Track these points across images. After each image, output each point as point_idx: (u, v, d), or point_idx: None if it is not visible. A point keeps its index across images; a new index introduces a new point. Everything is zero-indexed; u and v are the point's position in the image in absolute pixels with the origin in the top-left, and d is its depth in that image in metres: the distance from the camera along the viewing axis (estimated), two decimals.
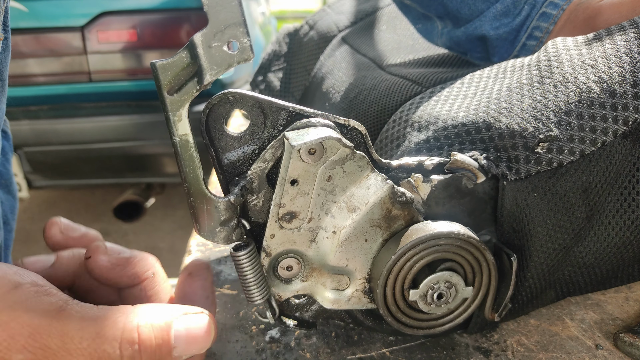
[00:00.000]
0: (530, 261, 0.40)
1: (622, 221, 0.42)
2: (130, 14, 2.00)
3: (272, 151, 0.33)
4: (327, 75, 0.80)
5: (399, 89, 0.60)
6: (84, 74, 2.03)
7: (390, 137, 0.50)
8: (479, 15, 0.63)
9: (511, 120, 0.39)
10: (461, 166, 0.38)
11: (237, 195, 0.33)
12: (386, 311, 0.38)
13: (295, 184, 0.33)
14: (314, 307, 0.40)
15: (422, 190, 0.37)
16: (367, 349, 0.43)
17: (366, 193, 0.35)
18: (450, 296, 0.37)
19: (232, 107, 0.32)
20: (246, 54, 0.26)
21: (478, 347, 0.42)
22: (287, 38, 0.94)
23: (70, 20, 1.97)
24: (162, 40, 2.02)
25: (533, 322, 0.45)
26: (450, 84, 0.51)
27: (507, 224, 0.39)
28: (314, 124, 0.33)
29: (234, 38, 0.26)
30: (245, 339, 0.45)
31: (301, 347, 0.43)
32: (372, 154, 0.36)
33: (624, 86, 0.37)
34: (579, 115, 0.37)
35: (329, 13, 0.95)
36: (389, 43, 0.81)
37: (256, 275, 0.35)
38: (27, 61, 1.98)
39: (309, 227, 0.35)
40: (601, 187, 0.39)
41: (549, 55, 0.42)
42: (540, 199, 0.38)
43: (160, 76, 0.28)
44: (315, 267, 0.37)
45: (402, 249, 0.35)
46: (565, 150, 0.37)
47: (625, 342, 0.40)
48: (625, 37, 0.40)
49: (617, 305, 0.46)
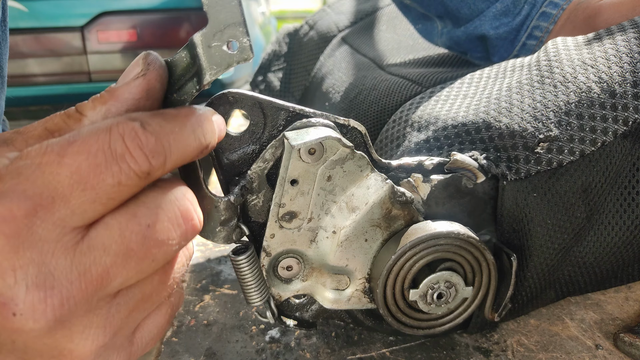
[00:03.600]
0: (530, 261, 0.40)
1: (622, 221, 0.41)
2: (130, 14, 1.99)
3: (272, 151, 0.33)
4: (327, 75, 0.80)
5: (399, 89, 0.60)
6: (84, 74, 2.03)
7: (390, 137, 0.50)
8: (478, 14, 0.63)
9: (511, 120, 0.39)
10: (461, 166, 0.38)
11: (237, 195, 0.33)
12: (386, 311, 0.38)
13: (295, 184, 0.33)
14: (314, 307, 0.40)
15: (422, 190, 0.37)
16: (367, 349, 0.43)
17: (366, 193, 0.35)
18: (450, 296, 0.37)
19: (232, 107, 0.32)
20: (246, 54, 0.26)
21: (478, 347, 0.42)
22: (287, 38, 0.94)
23: (70, 20, 1.97)
24: (162, 40, 2.01)
25: (533, 322, 0.45)
26: (450, 84, 0.51)
27: (507, 223, 0.39)
28: (314, 124, 0.33)
29: (233, 38, 0.26)
30: (245, 339, 0.45)
31: (301, 347, 0.43)
32: (372, 154, 0.36)
33: (624, 86, 0.37)
34: (579, 115, 0.37)
35: (329, 13, 0.95)
36: (389, 43, 0.81)
37: (255, 278, 0.35)
38: (27, 61, 1.98)
39: (309, 227, 0.35)
40: (601, 187, 0.39)
41: (549, 55, 0.42)
42: (540, 199, 0.38)
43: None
44: (315, 267, 0.37)
45: (402, 248, 0.35)
46: (565, 150, 0.37)
47: (625, 342, 0.40)
48: (626, 37, 0.40)
49: (617, 305, 0.46)
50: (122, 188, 0.22)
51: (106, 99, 0.25)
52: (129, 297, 0.24)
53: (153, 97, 0.25)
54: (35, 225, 0.20)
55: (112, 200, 0.22)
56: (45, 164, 0.21)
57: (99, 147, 0.21)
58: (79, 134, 0.22)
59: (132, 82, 0.25)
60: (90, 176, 0.21)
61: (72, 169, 0.21)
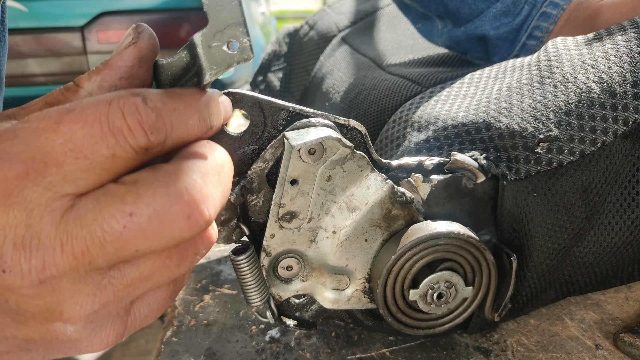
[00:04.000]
0: (530, 261, 0.40)
1: (622, 221, 0.42)
2: (130, 14, 2.00)
3: (272, 151, 0.33)
4: (327, 75, 0.80)
5: (399, 89, 0.60)
6: (84, 74, 2.03)
7: (390, 137, 0.50)
8: (479, 14, 0.63)
9: (511, 120, 0.39)
10: (461, 166, 0.38)
11: (237, 195, 0.33)
12: (386, 311, 0.38)
13: (295, 184, 0.33)
14: (314, 307, 0.40)
15: (422, 190, 0.37)
16: (367, 349, 0.43)
17: (366, 193, 0.35)
18: (450, 296, 0.37)
19: (232, 107, 0.32)
20: (246, 54, 0.26)
21: (478, 347, 0.42)
22: (287, 38, 0.94)
23: (70, 20, 1.97)
24: (162, 40, 2.01)
25: (533, 322, 0.45)
26: (450, 83, 0.51)
27: (507, 223, 0.39)
28: (314, 124, 0.33)
29: (233, 38, 0.26)
30: (245, 339, 0.45)
31: (301, 347, 0.43)
32: (372, 154, 0.36)
33: (624, 86, 0.37)
34: (579, 115, 0.37)
35: (329, 13, 0.95)
36: (389, 43, 0.81)
37: (255, 278, 0.35)
38: (27, 61, 1.98)
39: (309, 227, 0.35)
40: (601, 187, 0.39)
41: (549, 55, 0.42)
42: (540, 199, 0.38)
43: (160, 76, 0.28)
44: (315, 267, 0.37)
45: (402, 248, 0.35)
46: (565, 150, 0.37)
47: (625, 342, 0.40)
48: (626, 37, 0.40)
49: (617, 305, 0.46)
50: (117, 160, 0.22)
51: (100, 69, 0.26)
52: (123, 273, 0.23)
53: (146, 65, 0.26)
54: (27, 187, 0.20)
55: (106, 171, 0.22)
56: (41, 129, 0.21)
57: (95, 118, 0.21)
58: (78, 104, 0.22)
59: (124, 51, 0.26)
60: (84, 145, 0.21)
61: (66, 136, 0.21)
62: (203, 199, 0.23)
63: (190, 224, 0.22)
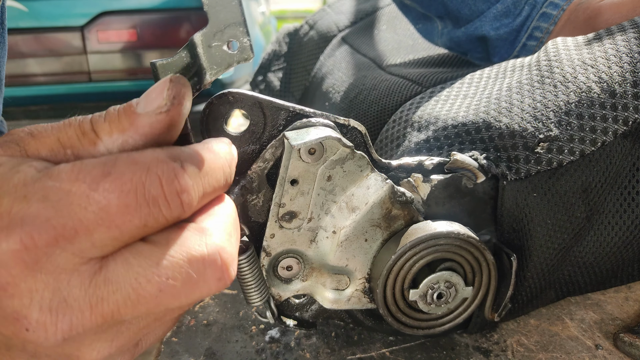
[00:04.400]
0: (530, 261, 0.40)
1: (622, 221, 0.42)
2: (130, 14, 1.99)
3: (272, 151, 0.33)
4: (327, 75, 0.80)
5: (399, 89, 0.60)
6: (83, 73, 2.03)
7: (390, 137, 0.50)
8: (479, 15, 0.63)
9: (511, 120, 0.39)
10: (461, 166, 0.38)
11: (237, 194, 0.33)
12: (386, 311, 0.38)
13: (295, 184, 0.33)
14: (314, 307, 0.40)
15: (422, 190, 0.37)
16: (367, 349, 0.43)
17: (366, 193, 0.35)
18: (450, 296, 0.37)
19: (232, 107, 0.32)
20: (246, 54, 0.26)
21: (478, 347, 0.42)
22: (287, 38, 0.94)
23: (70, 20, 1.97)
24: (162, 40, 2.02)
25: (533, 322, 0.45)
26: (450, 84, 0.51)
27: (507, 223, 0.39)
28: (314, 123, 0.33)
29: (233, 38, 0.26)
30: (245, 339, 0.45)
31: (301, 347, 0.43)
32: (372, 153, 0.36)
33: (624, 86, 0.37)
34: (579, 115, 0.37)
35: (329, 13, 0.95)
36: (389, 43, 0.81)
37: (255, 278, 0.35)
38: (27, 61, 1.98)
39: (309, 227, 0.35)
40: (601, 187, 0.39)
41: (549, 55, 0.42)
42: (540, 198, 0.38)
43: (160, 76, 0.28)
44: (315, 266, 0.37)
45: (402, 248, 0.35)
46: (565, 150, 0.37)
47: (625, 342, 0.40)
48: (626, 37, 0.40)
49: (617, 305, 0.46)
50: (148, 229, 0.22)
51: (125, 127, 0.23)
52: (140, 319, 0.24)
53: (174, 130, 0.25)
54: (55, 254, 0.20)
55: (134, 238, 0.22)
56: (74, 194, 0.20)
57: (132, 187, 0.21)
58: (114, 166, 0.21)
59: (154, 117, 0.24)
60: (117, 216, 0.21)
61: (100, 205, 0.20)
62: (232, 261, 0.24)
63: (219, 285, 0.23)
